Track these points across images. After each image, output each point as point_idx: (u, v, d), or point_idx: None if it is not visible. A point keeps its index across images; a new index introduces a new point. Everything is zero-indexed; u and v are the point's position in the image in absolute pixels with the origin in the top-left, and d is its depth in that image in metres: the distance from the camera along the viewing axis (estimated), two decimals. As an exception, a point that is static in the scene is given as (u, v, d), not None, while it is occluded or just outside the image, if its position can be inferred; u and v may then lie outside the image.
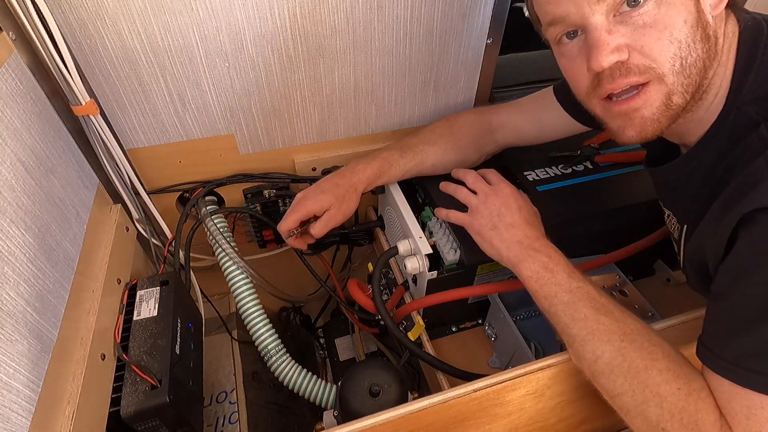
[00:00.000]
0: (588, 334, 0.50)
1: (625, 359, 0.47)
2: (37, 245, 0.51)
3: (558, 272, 0.55)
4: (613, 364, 0.48)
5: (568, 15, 0.45)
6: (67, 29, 0.59)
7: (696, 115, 0.49)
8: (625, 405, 0.47)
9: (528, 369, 0.53)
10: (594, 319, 0.50)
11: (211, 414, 0.78)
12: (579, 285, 0.53)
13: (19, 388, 0.43)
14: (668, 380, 0.45)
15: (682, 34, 0.42)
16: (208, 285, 0.86)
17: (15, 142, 0.51)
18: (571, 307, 0.52)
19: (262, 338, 0.78)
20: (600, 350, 0.49)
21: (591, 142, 0.86)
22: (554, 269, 0.55)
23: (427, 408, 0.50)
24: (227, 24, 0.65)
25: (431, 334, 0.76)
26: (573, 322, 0.52)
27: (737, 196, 0.42)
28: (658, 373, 0.45)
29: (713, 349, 0.43)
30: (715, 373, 0.43)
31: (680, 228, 0.57)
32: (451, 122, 0.80)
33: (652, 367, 0.46)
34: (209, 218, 0.79)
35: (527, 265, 0.56)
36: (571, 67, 0.50)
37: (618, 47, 0.44)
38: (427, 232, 0.73)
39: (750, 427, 0.40)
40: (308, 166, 0.86)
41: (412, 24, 0.73)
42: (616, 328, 0.49)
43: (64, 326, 0.52)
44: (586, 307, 0.51)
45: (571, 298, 0.53)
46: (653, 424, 0.45)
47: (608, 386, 0.48)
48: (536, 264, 0.56)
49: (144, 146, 0.74)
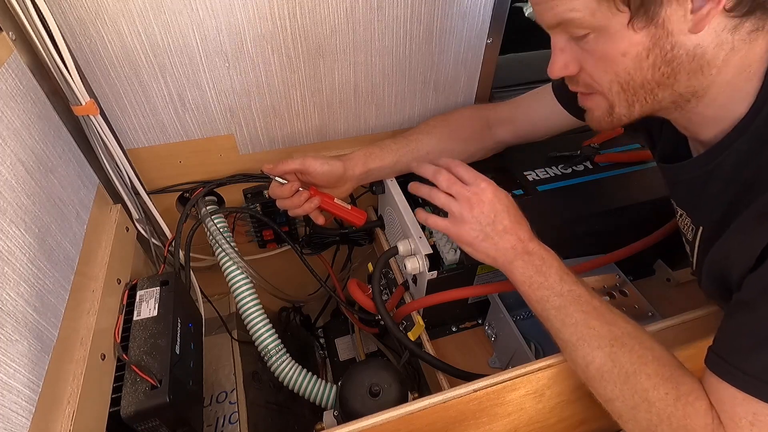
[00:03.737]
0: (579, 340, 0.50)
1: (615, 365, 0.48)
2: (37, 245, 0.51)
3: (550, 275, 0.55)
4: (604, 370, 0.48)
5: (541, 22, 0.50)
6: (67, 29, 0.59)
7: (696, 109, 0.48)
8: (617, 410, 0.48)
9: (528, 369, 0.53)
10: (584, 324, 0.51)
11: (211, 414, 0.78)
12: (570, 288, 0.53)
13: (19, 388, 0.43)
14: (656, 385, 0.45)
15: (620, 66, 0.46)
16: (208, 285, 0.86)
17: (15, 142, 0.51)
18: (562, 311, 0.52)
19: (262, 338, 0.78)
20: (591, 356, 0.49)
21: (591, 142, 0.86)
22: (547, 272, 0.55)
23: (427, 408, 0.50)
24: (227, 24, 0.65)
25: (431, 334, 0.76)
26: (564, 326, 0.52)
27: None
28: (646, 378, 0.46)
29: (730, 360, 0.42)
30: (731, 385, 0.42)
31: (695, 229, 0.56)
32: (447, 115, 0.81)
33: (641, 372, 0.46)
34: (209, 218, 0.79)
35: (521, 270, 0.56)
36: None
37: (566, 65, 0.49)
38: (427, 232, 0.73)
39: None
40: (308, 166, 0.86)
41: (412, 24, 0.73)
42: (606, 332, 0.49)
43: (64, 326, 0.52)
44: (577, 311, 0.52)
45: (562, 302, 0.53)
46: (644, 428, 0.46)
47: (600, 391, 0.49)
48: (529, 268, 0.56)
49: (144, 146, 0.74)
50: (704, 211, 0.54)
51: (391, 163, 0.75)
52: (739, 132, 0.47)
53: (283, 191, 0.70)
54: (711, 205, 0.51)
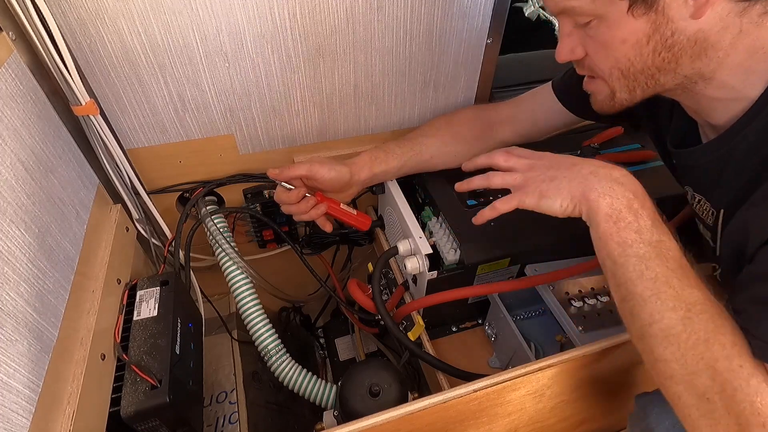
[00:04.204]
0: (653, 296, 0.45)
1: (685, 329, 0.43)
2: (37, 245, 0.51)
3: (642, 216, 0.47)
4: (670, 332, 0.43)
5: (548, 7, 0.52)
6: (67, 29, 0.59)
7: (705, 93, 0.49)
8: (669, 371, 0.43)
9: (528, 369, 0.53)
10: (665, 281, 0.45)
11: (211, 414, 0.78)
12: (661, 238, 0.46)
13: (19, 388, 0.43)
14: (730, 356, 0.41)
15: (620, 53, 0.47)
16: (208, 285, 0.86)
17: (15, 142, 0.51)
18: (645, 262, 0.46)
19: (262, 338, 0.78)
20: (660, 315, 0.44)
21: (591, 142, 0.86)
22: (639, 211, 0.47)
23: (427, 408, 0.50)
24: (227, 24, 0.65)
25: (431, 334, 0.76)
26: (640, 279, 0.45)
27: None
28: (720, 348, 0.41)
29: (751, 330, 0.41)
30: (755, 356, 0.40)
31: (715, 213, 0.54)
32: (449, 116, 0.81)
33: (715, 341, 0.42)
34: (209, 218, 0.79)
35: (609, 201, 0.47)
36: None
37: (572, 49, 0.51)
38: (427, 232, 0.73)
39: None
40: (308, 166, 0.86)
41: (412, 24, 0.73)
42: (687, 295, 0.44)
43: (64, 326, 0.52)
44: (660, 266, 0.45)
45: (648, 252, 0.46)
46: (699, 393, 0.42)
47: (658, 350, 0.44)
48: (620, 201, 0.47)
49: (144, 146, 0.74)
50: (724, 193, 0.52)
51: (395, 167, 0.75)
52: (755, 112, 0.47)
53: (289, 197, 0.69)
54: (731, 186, 0.50)
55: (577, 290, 0.71)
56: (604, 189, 0.48)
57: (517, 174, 0.55)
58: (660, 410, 0.54)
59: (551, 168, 0.53)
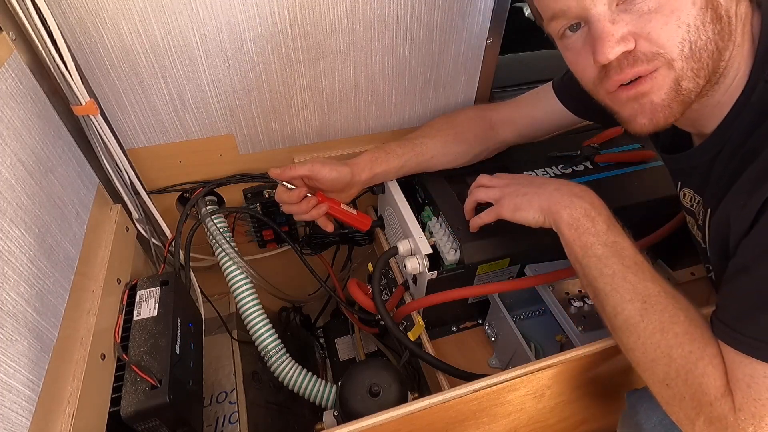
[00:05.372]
0: (612, 290, 0.50)
1: (642, 319, 0.48)
2: (37, 245, 0.51)
3: (598, 222, 0.54)
4: (630, 323, 0.48)
5: (569, 8, 0.45)
6: (67, 29, 0.59)
7: (712, 99, 0.48)
8: (635, 359, 0.49)
9: (528, 369, 0.53)
10: (621, 276, 0.50)
11: (211, 414, 0.78)
12: (615, 240, 0.53)
13: (19, 388, 0.43)
14: (682, 343, 0.45)
15: (690, 17, 0.41)
16: (208, 285, 0.86)
17: (15, 142, 0.51)
18: (602, 261, 0.52)
19: (262, 338, 0.78)
20: (620, 307, 0.49)
21: (591, 142, 0.86)
22: (595, 218, 0.54)
23: (427, 408, 0.50)
24: (227, 24, 0.65)
25: (431, 334, 0.76)
26: (601, 276, 0.52)
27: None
28: (673, 337, 0.46)
29: (730, 324, 0.43)
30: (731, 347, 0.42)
31: (704, 212, 0.55)
32: (450, 117, 0.81)
33: (669, 330, 0.46)
34: (209, 218, 0.79)
35: (569, 212, 0.55)
36: (577, 61, 0.49)
37: (623, 37, 0.43)
38: (427, 232, 0.73)
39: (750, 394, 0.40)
40: (308, 166, 0.85)
41: (412, 24, 0.73)
42: (642, 288, 0.49)
43: (64, 326, 0.52)
44: (616, 263, 0.51)
45: (605, 252, 0.52)
46: (659, 380, 0.46)
47: (623, 340, 0.50)
48: (578, 211, 0.55)
49: (144, 146, 0.74)
50: (713, 193, 0.52)
51: (396, 167, 0.75)
52: (739, 110, 0.47)
53: (290, 197, 0.69)
54: (718, 184, 0.51)
55: (577, 290, 0.71)
56: (565, 202, 0.55)
57: (496, 189, 0.64)
58: (648, 406, 0.56)
59: (524, 186, 0.61)
